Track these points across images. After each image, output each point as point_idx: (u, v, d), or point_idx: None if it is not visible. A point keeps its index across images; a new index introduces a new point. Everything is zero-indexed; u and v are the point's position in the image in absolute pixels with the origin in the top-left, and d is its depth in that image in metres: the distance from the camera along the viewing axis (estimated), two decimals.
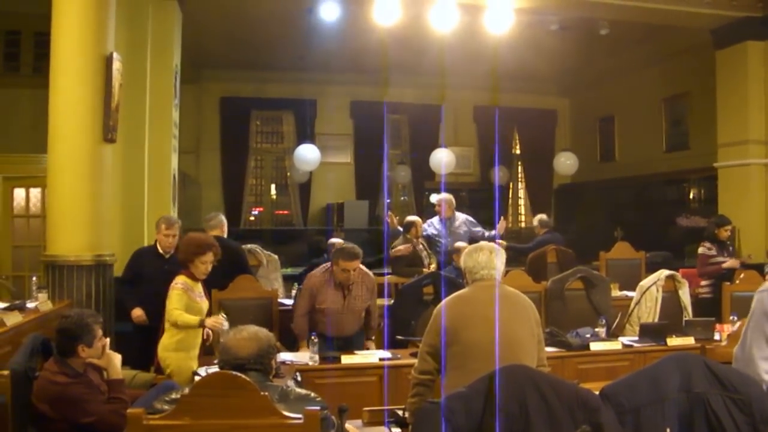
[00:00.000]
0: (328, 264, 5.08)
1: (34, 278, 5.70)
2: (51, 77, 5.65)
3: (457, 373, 3.06)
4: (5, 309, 4.80)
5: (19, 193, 7.23)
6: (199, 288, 4.59)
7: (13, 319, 4.49)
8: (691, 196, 10.59)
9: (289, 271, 7.98)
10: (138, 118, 7.03)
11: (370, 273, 5.20)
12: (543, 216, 8.91)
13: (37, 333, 3.85)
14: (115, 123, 5.92)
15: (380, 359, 4.49)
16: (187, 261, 4.54)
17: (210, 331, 4.62)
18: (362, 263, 5.09)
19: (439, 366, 3.20)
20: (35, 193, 7.25)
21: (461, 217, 7.89)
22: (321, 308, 4.95)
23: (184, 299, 4.43)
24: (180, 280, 4.49)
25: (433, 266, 7.26)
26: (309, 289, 5.03)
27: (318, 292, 4.97)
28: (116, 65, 5.85)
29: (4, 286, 6.19)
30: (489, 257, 3.35)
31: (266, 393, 2.16)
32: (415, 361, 4.37)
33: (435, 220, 7.93)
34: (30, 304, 5.13)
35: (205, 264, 4.52)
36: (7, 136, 8.09)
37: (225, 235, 6.26)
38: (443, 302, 3.32)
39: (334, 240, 6.96)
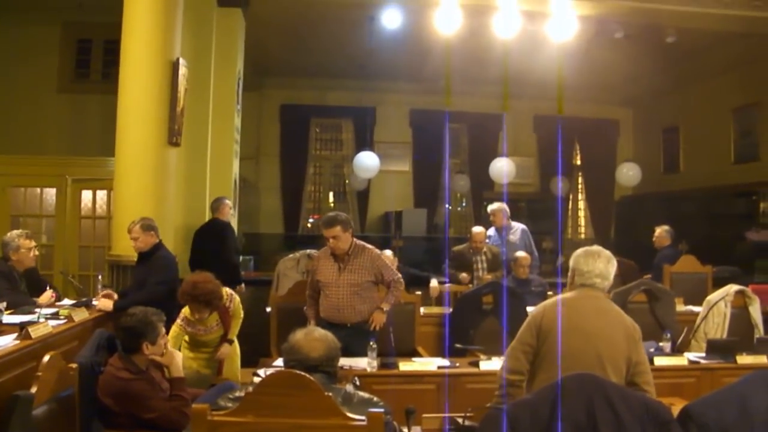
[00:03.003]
0: None
1: (99, 277, 5.84)
2: (120, 82, 5.82)
3: (547, 376, 3.00)
4: (73, 306, 4.94)
5: (86, 195, 7.43)
6: (208, 322, 4.51)
7: (80, 315, 4.62)
8: (761, 209, 10.18)
9: None
10: (201, 123, 7.18)
11: (372, 247, 4.93)
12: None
13: (102, 329, 3.94)
14: (179, 127, 6.05)
15: (439, 367, 4.43)
16: None
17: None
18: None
19: (530, 367, 3.15)
20: (101, 195, 7.44)
21: (518, 226, 7.78)
22: (319, 280, 4.84)
23: (182, 337, 4.48)
24: (182, 314, 4.51)
25: (488, 276, 7.11)
26: (313, 264, 5.01)
27: (318, 264, 4.90)
28: (182, 71, 5.99)
29: (71, 284, 6.36)
30: (606, 267, 3.31)
31: (330, 394, 2.15)
32: (474, 369, 4.35)
33: (492, 230, 7.86)
34: (95, 302, 5.26)
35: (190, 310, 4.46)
36: (77, 140, 8.35)
37: (227, 219, 6.57)
38: (545, 303, 3.28)
39: (387, 252, 6.44)
